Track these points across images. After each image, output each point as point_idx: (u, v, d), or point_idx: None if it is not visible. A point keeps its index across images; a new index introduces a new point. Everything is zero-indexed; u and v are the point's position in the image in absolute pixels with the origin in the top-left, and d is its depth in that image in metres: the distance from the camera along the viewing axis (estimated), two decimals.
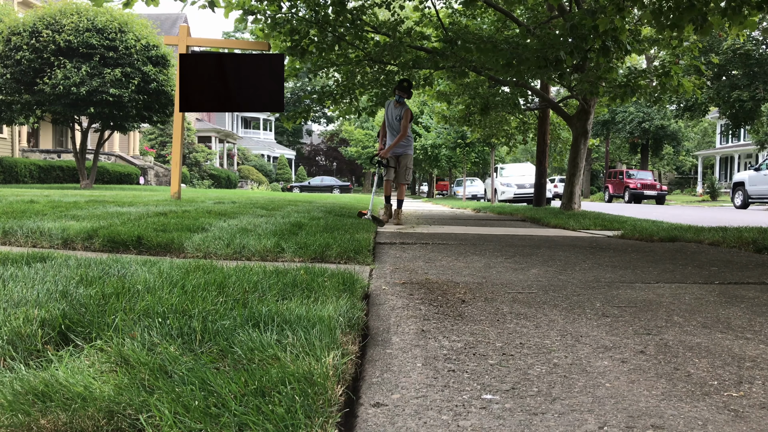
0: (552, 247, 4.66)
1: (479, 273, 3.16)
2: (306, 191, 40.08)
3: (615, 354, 1.68)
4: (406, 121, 7.32)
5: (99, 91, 13.89)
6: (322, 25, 8.84)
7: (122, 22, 14.54)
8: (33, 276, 2.15)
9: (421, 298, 2.40)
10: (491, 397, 1.33)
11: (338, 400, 1.21)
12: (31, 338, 1.43)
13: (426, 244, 4.63)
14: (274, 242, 3.57)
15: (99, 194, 9.90)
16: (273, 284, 2.20)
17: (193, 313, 1.66)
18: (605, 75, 8.37)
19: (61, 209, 5.30)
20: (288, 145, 62.87)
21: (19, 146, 22.59)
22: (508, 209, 12.57)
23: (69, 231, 3.70)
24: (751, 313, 2.24)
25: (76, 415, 1.04)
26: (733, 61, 25.31)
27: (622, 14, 6.19)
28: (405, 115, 7.36)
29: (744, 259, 4.02)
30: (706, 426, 1.20)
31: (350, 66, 10.18)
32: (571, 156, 10.90)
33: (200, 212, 5.62)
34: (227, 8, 8.11)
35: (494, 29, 11.08)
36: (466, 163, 28.30)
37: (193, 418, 1.05)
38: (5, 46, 13.83)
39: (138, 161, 27.92)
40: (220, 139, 40.61)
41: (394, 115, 7.44)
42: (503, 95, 12.73)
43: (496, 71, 9.18)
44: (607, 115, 37.97)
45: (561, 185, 29.87)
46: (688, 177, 51.02)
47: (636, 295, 2.57)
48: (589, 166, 44.68)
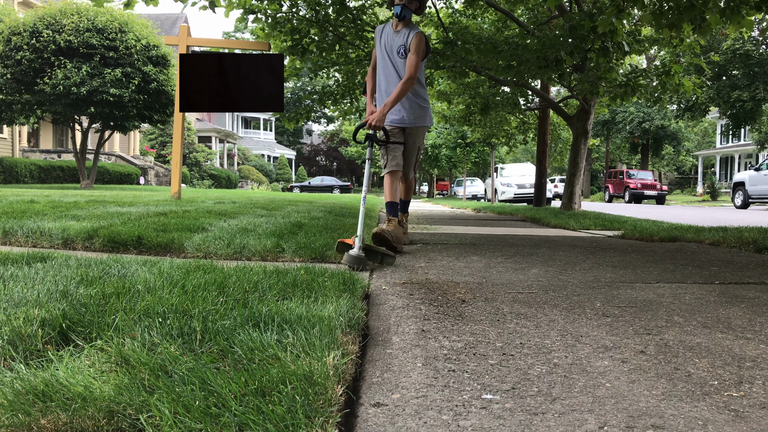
0: (552, 247, 4.66)
1: (479, 273, 3.16)
2: (306, 191, 40.09)
3: (615, 354, 1.68)
4: (416, 56, 3.90)
5: (99, 91, 13.90)
6: (322, 25, 8.84)
7: (122, 22, 14.54)
8: (33, 276, 2.15)
9: (422, 298, 2.40)
10: (491, 397, 1.34)
11: (338, 400, 1.21)
12: (32, 338, 1.43)
13: (426, 244, 4.63)
14: (275, 242, 3.57)
15: (99, 194, 9.90)
16: (273, 284, 2.20)
17: (194, 313, 1.66)
18: (605, 75, 8.37)
19: (62, 209, 5.30)
20: (288, 145, 62.88)
21: (19, 146, 22.59)
22: (508, 209, 12.57)
23: (69, 231, 3.70)
24: (752, 313, 2.24)
25: (76, 414, 1.04)
26: (733, 61, 25.30)
27: (621, 15, 6.19)
28: (415, 44, 3.94)
29: (744, 259, 4.02)
30: (707, 426, 1.20)
31: (351, 66, 10.18)
32: (572, 156, 10.91)
33: (200, 212, 5.62)
34: (228, 8, 8.11)
35: (494, 29, 11.08)
36: (466, 163, 28.32)
37: (193, 418, 1.05)
38: (6, 46, 13.84)
39: (138, 161, 27.92)
40: (220, 139, 40.61)
41: (393, 46, 4.10)
42: (503, 95, 12.73)
43: (497, 71, 9.18)
44: (607, 115, 37.98)
45: (561, 185, 29.88)
46: (688, 177, 51.00)
47: (636, 295, 2.57)
48: (590, 166, 44.68)
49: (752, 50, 25.06)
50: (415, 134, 4.28)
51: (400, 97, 3.91)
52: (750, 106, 25.56)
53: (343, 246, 3.33)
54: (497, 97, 12.55)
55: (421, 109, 4.24)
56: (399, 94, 3.88)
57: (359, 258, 3.12)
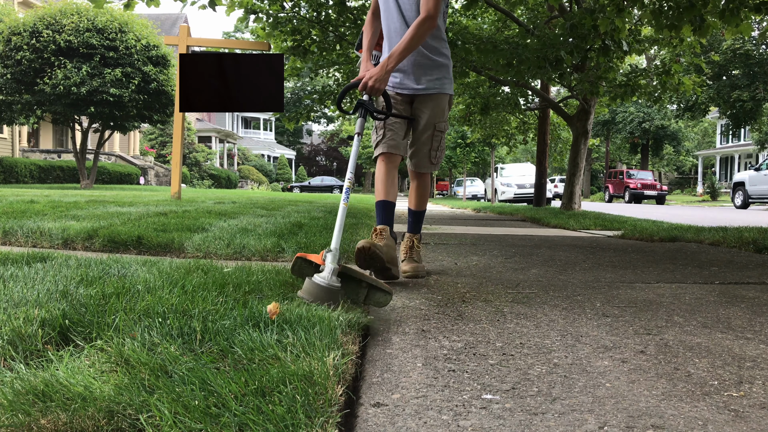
0: (552, 247, 4.66)
1: (479, 273, 3.16)
2: (306, 191, 40.09)
3: (615, 354, 1.68)
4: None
5: (99, 91, 13.90)
6: (323, 25, 8.84)
7: (122, 22, 14.54)
8: (33, 276, 2.15)
9: (422, 298, 2.40)
10: (491, 397, 1.34)
11: (338, 400, 1.21)
12: (32, 338, 1.43)
13: (426, 244, 4.63)
14: (275, 242, 3.57)
15: (99, 194, 9.90)
16: (273, 284, 2.20)
17: (194, 313, 1.66)
18: (605, 75, 8.38)
19: (62, 209, 5.30)
20: (288, 145, 62.89)
21: (19, 146, 22.60)
22: (508, 209, 12.57)
23: (69, 231, 3.70)
24: (752, 313, 2.24)
25: (76, 414, 1.04)
26: (733, 61, 25.32)
27: (621, 15, 6.20)
28: None
29: (744, 259, 4.02)
30: (707, 426, 1.20)
31: (351, 66, 10.18)
32: (572, 156, 10.91)
33: (200, 212, 5.62)
34: (229, 8, 8.12)
35: (494, 29, 11.09)
36: (466, 163, 28.32)
37: (193, 418, 1.05)
38: (5, 46, 13.84)
39: (138, 161, 27.92)
40: (220, 139, 40.61)
41: None
42: (503, 95, 12.74)
43: (497, 71, 9.18)
44: (607, 115, 37.99)
45: (561, 185, 29.89)
46: (688, 177, 51.01)
47: (636, 295, 2.57)
48: (589, 166, 44.69)
49: (752, 50, 25.07)
50: (432, 105, 2.91)
51: (413, 44, 2.68)
52: (750, 106, 25.57)
53: (304, 265, 2.15)
54: (497, 97, 12.56)
55: (440, 69, 2.92)
56: (412, 40, 2.67)
57: (329, 290, 1.97)
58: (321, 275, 2.00)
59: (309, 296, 1.96)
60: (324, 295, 1.95)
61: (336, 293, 1.98)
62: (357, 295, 2.10)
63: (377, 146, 2.92)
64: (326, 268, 2.02)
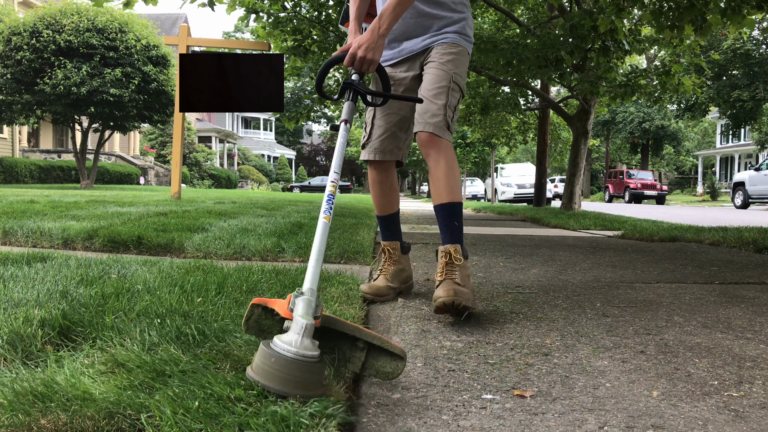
0: (552, 247, 4.66)
1: (479, 273, 3.16)
2: (306, 191, 40.10)
3: (615, 354, 1.68)
4: None
5: (99, 91, 13.90)
6: (324, 25, 8.84)
7: (123, 22, 14.54)
8: (33, 276, 2.15)
9: (422, 298, 2.40)
10: (491, 397, 1.34)
11: (338, 400, 1.21)
12: (31, 338, 1.43)
13: (426, 244, 4.63)
14: (275, 242, 3.57)
15: (99, 194, 9.90)
16: (273, 284, 2.20)
17: (193, 313, 1.66)
18: (605, 75, 8.37)
19: (62, 209, 5.29)
20: (288, 145, 62.90)
21: (19, 146, 22.60)
22: (508, 209, 12.57)
23: (69, 231, 3.70)
24: (752, 313, 2.24)
25: (76, 415, 1.04)
26: (733, 60, 25.32)
27: (621, 14, 6.20)
28: None
29: (744, 259, 4.02)
30: (707, 426, 1.20)
31: None
32: (572, 156, 10.91)
33: (200, 212, 5.62)
34: (230, 6, 8.11)
35: (494, 29, 11.08)
36: (466, 163, 28.30)
37: (193, 418, 1.05)
38: (5, 46, 13.84)
39: (138, 161, 27.93)
40: (220, 139, 40.61)
41: None
42: (503, 95, 12.73)
43: (497, 71, 9.18)
44: (607, 115, 37.99)
45: (561, 185, 29.89)
46: (688, 177, 51.01)
47: (636, 295, 2.57)
48: (589, 166, 44.68)
49: (752, 50, 25.07)
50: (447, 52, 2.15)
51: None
52: (750, 106, 25.57)
53: (263, 317, 1.35)
54: (497, 97, 12.55)
55: (454, 24, 2.19)
56: None
57: (300, 365, 1.16)
58: (285, 338, 1.19)
59: (266, 380, 1.15)
60: (292, 377, 1.15)
61: (314, 370, 1.18)
62: (350, 361, 1.36)
63: (363, 148, 2.33)
64: (294, 324, 1.21)
